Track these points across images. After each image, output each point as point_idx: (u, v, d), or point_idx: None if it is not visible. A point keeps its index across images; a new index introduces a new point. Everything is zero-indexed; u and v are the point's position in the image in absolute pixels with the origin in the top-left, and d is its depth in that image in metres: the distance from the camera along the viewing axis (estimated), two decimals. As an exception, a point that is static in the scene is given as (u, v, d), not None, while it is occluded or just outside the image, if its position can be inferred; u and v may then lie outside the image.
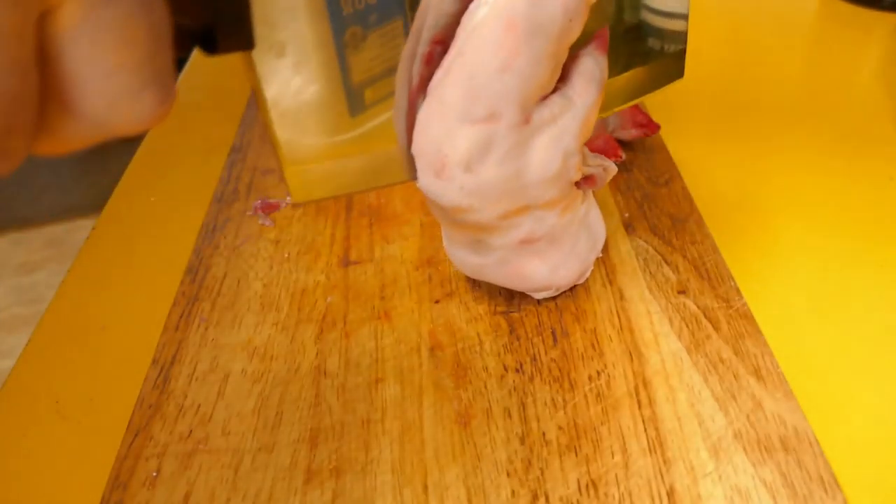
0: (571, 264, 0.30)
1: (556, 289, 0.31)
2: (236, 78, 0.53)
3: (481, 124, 0.23)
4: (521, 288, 0.31)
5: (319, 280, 0.34)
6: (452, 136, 0.24)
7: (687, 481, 0.24)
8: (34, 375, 0.31)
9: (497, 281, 0.30)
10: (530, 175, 0.25)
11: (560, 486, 0.25)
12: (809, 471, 0.24)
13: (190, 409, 0.28)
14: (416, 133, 0.24)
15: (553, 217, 0.28)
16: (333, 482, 0.25)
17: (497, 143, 0.24)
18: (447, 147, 0.24)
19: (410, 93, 0.24)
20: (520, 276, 0.29)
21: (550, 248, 0.29)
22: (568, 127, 0.25)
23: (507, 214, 0.26)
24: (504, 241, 0.28)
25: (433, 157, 0.24)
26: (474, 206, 0.25)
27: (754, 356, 0.28)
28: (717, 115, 0.45)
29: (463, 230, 0.28)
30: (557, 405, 0.27)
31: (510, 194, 0.25)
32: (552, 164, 0.25)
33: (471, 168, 0.24)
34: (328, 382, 0.29)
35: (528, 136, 0.24)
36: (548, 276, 0.29)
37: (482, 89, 0.23)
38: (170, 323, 0.32)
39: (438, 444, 0.26)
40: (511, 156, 0.24)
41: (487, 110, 0.23)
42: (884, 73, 0.49)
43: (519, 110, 0.24)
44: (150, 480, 0.26)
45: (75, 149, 0.16)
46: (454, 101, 0.23)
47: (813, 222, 0.36)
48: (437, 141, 0.24)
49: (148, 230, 0.39)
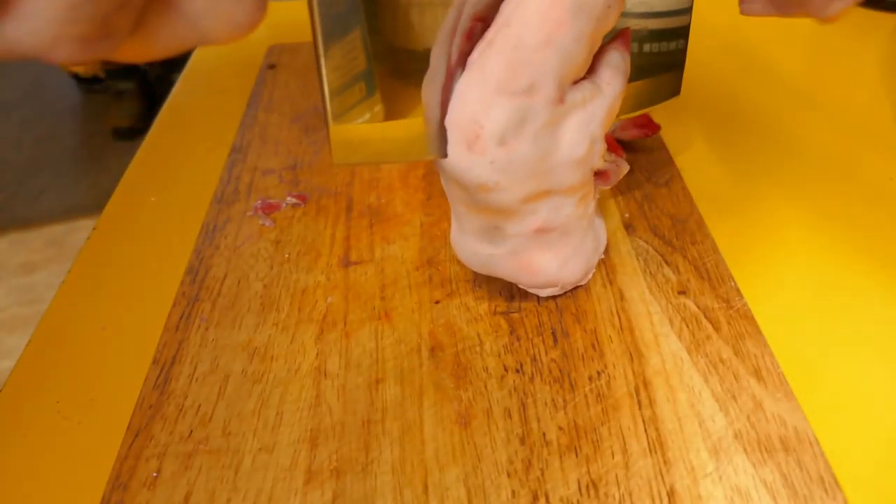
0: (579, 261, 0.30)
1: (562, 286, 0.31)
2: (237, 78, 0.53)
3: (521, 97, 0.24)
4: (528, 283, 0.31)
5: (320, 280, 0.34)
6: (490, 107, 0.24)
7: (687, 482, 0.24)
8: (34, 376, 0.31)
9: (505, 274, 0.30)
10: (559, 156, 0.26)
11: (560, 487, 0.25)
12: (810, 471, 0.24)
13: (190, 409, 0.28)
14: (453, 104, 0.25)
15: (570, 206, 0.28)
16: (334, 482, 0.25)
17: (532, 117, 0.25)
18: (484, 118, 0.24)
19: (449, 66, 0.25)
20: (530, 270, 0.30)
21: (561, 242, 0.29)
22: (596, 113, 0.26)
23: (529, 198, 0.27)
24: (520, 229, 0.28)
25: (468, 127, 0.25)
26: (501, 185, 0.26)
27: (754, 356, 0.28)
28: (718, 116, 0.45)
29: (481, 214, 0.28)
30: (558, 405, 0.27)
31: (537, 175, 0.26)
32: (580, 146, 0.26)
33: (505, 141, 0.25)
34: (328, 383, 0.29)
35: (561, 116, 0.25)
36: (557, 270, 0.30)
37: (524, 61, 0.23)
38: (170, 323, 0.32)
39: (439, 445, 0.26)
40: (544, 133, 0.25)
41: (528, 82, 0.24)
42: (884, 73, 0.49)
43: (556, 87, 0.24)
44: (150, 481, 0.26)
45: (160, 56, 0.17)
46: (496, 71, 0.24)
47: (813, 222, 0.36)
48: (475, 111, 0.24)
49: (148, 230, 0.39)
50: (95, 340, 0.33)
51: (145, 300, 0.34)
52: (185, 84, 0.55)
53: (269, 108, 0.48)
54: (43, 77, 2.09)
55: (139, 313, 0.34)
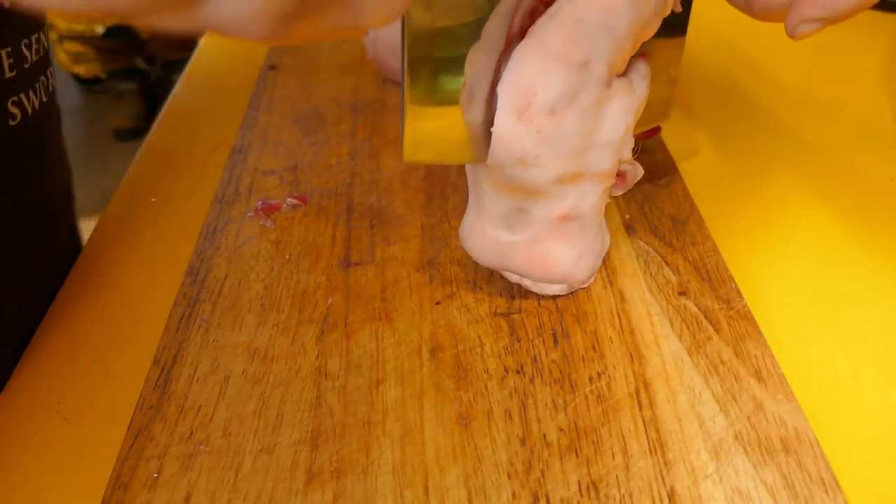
0: (590, 258, 0.31)
1: (570, 285, 0.31)
2: (238, 79, 0.54)
3: (576, 69, 0.25)
4: (540, 277, 0.31)
5: (320, 281, 0.34)
6: (547, 75, 0.25)
7: (688, 483, 0.24)
8: (35, 376, 0.31)
9: (517, 267, 0.30)
10: (599, 136, 0.27)
11: (561, 488, 0.25)
12: (810, 472, 0.24)
13: (191, 410, 0.28)
14: (509, 69, 0.26)
15: (595, 196, 0.29)
16: (334, 484, 0.25)
17: (584, 93, 0.26)
18: (540, 84, 0.25)
19: (509, 36, 0.26)
20: (545, 262, 0.30)
21: (580, 234, 0.30)
22: (633, 105, 0.28)
23: (564, 178, 0.28)
24: (545, 213, 0.29)
25: (522, 93, 0.25)
26: (540, 159, 0.27)
27: (755, 357, 0.28)
28: (718, 116, 0.45)
29: (511, 194, 0.29)
30: (558, 407, 0.27)
31: (576, 153, 0.27)
32: (618, 131, 0.27)
33: (555, 111, 0.26)
34: (329, 384, 0.29)
35: (607, 98, 0.27)
36: (572, 264, 0.30)
37: (585, 36, 0.25)
38: (171, 324, 0.32)
39: (439, 446, 0.26)
40: (590, 111, 0.26)
41: (585, 57, 0.25)
42: (885, 73, 0.49)
43: (607, 69, 0.26)
44: (150, 481, 0.26)
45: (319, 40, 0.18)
46: (557, 41, 0.25)
47: (813, 223, 0.36)
48: (531, 78, 0.25)
49: (149, 231, 0.39)
50: (96, 341, 0.33)
51: (146, 301, 0.34)
52: (186, 85, 0.55)
53: (270, 109, 0.48)
54: (44, 78, 2.08)
55: (140, 314, 0.34)
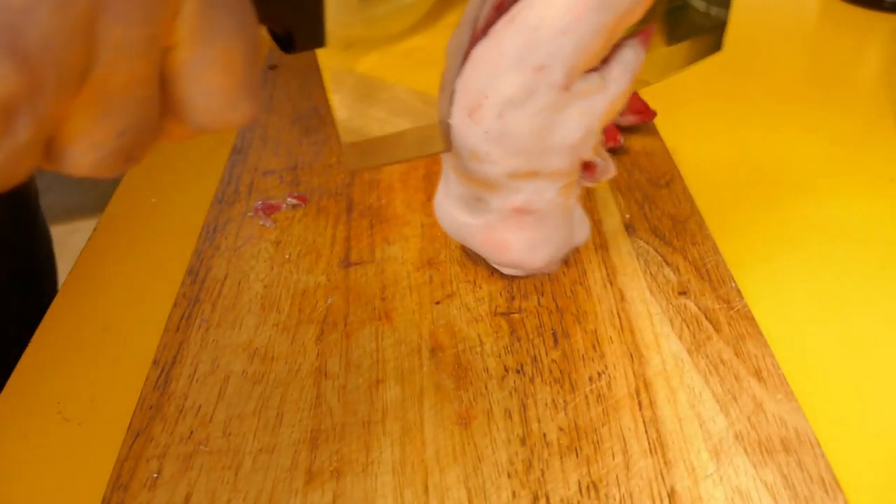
0: (547, 249, 0.31)
1: (526, 270, 0.32)
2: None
3: (529, 74, 0.25)
4: (496, 258, 0.32)
5: (320, 281, 0.34)
6: (499, 79, 0.25)
7: (688, 482, 0.24)
8: (35, 377, 0.31)
9: (476, 246, 0.32)
10: (553, 139, 0.27)
11: (561, 488, 0.25)
12: (810, 472, 0.24)
13: (191, 410, 0.28)
14: (467, 68, 0.26)
15: (551, 192, 0.29)
16: (334, 483, 0.25)
17: (537, 97, 0.25)
18: (490, 88, 0.25)
19: (475, 32, 0.26)
20: (500, 245, 0.31)
21: (536, 226, 0.30)
22: (598, 106, 0.27)
23: (516, 175, 0.28)
24: (501, 204, 0.29)
25: (474, 94, 0.26)
26: (491, 156, 0.27)
27: (755, 357, 0.28)
28: (718, 117, 0.45)
29: (469, 183, 0.29)
30: (558, 406, 0.27)
31: (527, 153, 0.27)
32: (574, 134, 0.27)
33: (503, 115, 0.26)
34: (329, 384, 0.29)
35: (564, 102, 0.26)
36: (523, 253, 0.31)
37: (541, 43, 0.24)
38: (170, 324, 0.32)
39: (439, 446, 0.26)
40: (543, 115, 0.26)
41: (538, 62, 0.25)
42: (884, 73, 0.49)
43: (564, 74, 0.25)
44: (150, 481, 0.26)
45: (182, 142, 0.20)
46: (512, 46, 0.25)
47: (814, 223, 0.36)
48: (484, 80, 0.25)
49: (149, 231, 0.39)
50: (96, 341, 0.33)
51: (146, 301, 0.34)
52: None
53: (270, 108, 0.48)
54: (44, 78, 2.08)
55: (140, 314, 0.34)
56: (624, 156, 0.40)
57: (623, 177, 0.39)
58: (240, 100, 0.19)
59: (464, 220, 0.31)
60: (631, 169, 0.39)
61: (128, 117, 0.17)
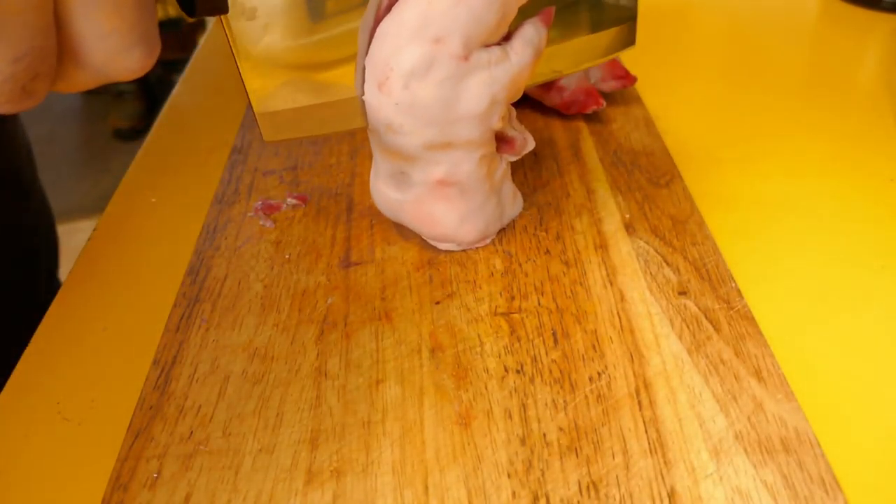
0: (477, 222, 0.33)
1: (459, 243, 0.34)
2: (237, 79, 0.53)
3: (428, 45, 0.27)
4: (428, 234, 0.33)
5: (320, 281, 0.34)
6: (401, 51, 0.27)
7: (688, 482, 0.24)
8: (35, 377, 0.31)
9: (409, 222, 0.33)
10: (460, 108, 0.29)
11: (561, 488, 0.25)
12: (811, 472, 0.24)
13: (190, 410, 0.28)
14: (373, 45, 0.28)
15: (470, 164, 0.31)
16: (334, 483, 0.25)
17: (437, 67, 0.27)
18: (394, 60, 0.27)
19: (378, 11, 0.27)
20: (429, 219, 0.32)
21: (461, 198, 0.32)
22: (500, 77, 0.29)
23: (431, 145, 0.29)
24: (423, 177, 0.31)
25: (381, 68, 0.28)
26: (405, 128, 0.29)
27: (755, 357, 0.28)
28: (717, 116, 0.45)
29: (391, 158, 0.31)
30: (558, 406, 0.27)
31: (438, 123, 0.29)
32: (480, 103, 0.29)
33: (409, 85, 0.27)
34: (329, 383, 0.29)
35: (465, 72, 0.28)
36: (455, 226, 0.33)
37: (436, 15, 0.27)
38: (170, 324, 0.32)
39: (439, 446, 0.26)
40: (447, 84, 0.28)
41: (436, 34, 0.27)
42: (884, 73, 0.49)
43: (461, 44, 0.27)
44: (150, 482, 0.26)
45: (85, 89, 0.21)
46: (410, 20, 0.27)
47: (814, 223, 0.36)
48: (388, 54, 0.27)
49: (149, 231, 0.39)
50: (96, 341, 0.33)
51: (146, 301, 0.34)
52: (186, 85, 0.55)
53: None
54: (44, 78, 2.08)
55: (140, 314, 0.34)
56: (611, 136, 0.40)
57: (623, 177, 0.39)
58: (133, 45, 0.20)
59: (393, 197, 0.32)
60: (631, 169, 0.39)
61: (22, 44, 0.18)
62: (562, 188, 0.38)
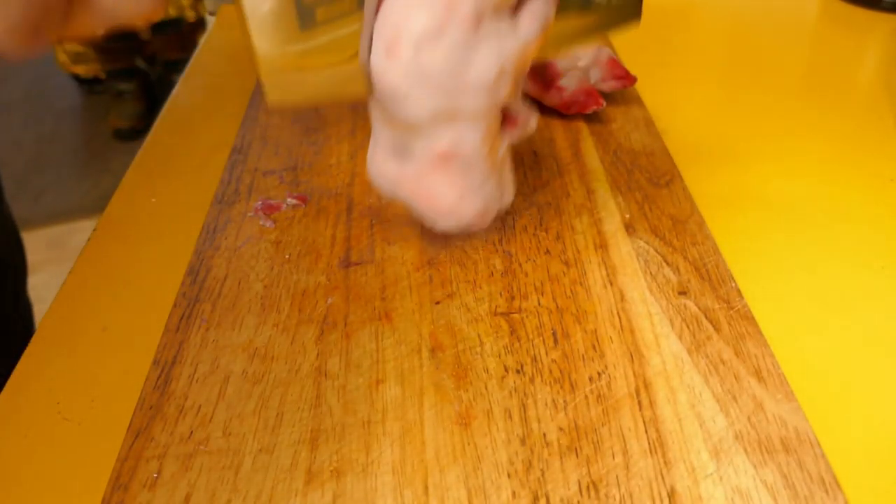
0: (476, 199, 0.32)
1: (457, 223, 0.33)
2: (237, 79, 0.53)
3: (441, 9, 0.26)
4: (426, 209, 0.32)
5: (320, 281, 0.34)
6: (412, 14, 0.27)
7: (688, 482, 0.24)
8: (35, 376, 0.31)
9: (410, 197, 0.32)
10: (468, 76, 0.28)
11: (561, 488, 0.25)
12: (810, 472, 0.24)
13: (190, 410, 0.28)
14: (382, 10, 0.27)
15: (474, 137, 0.30)
16: (334, 483, 0.25)
17: (449, 33, 0.27)
18: (404, 23, 0.27)
19: None
20: (430, 194, 0.32)
21: (463, 174, 0.31)
22: (509, 49, 0.28)
23: (437, 114, 0.29)
24: (425, 149, 0.30)
25: (390, 32, 0.27)
26: (411, 95, 0.28)
27: (755, 357, 0.28)
28: (718, 116, 0.45)
29: (393, 128, 0.30)
30: (558, 406, 0.27)
31: (445, 91, 0.28)
32: (489, 73, 0.28)
33: (420, 49, 0.27)
34: (329, 383, 0.29)
35: (476, 41, 0.27)
36: (455, 201, 0.32)
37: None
38: (170, 324, 0.32)
39: (439, 445, 0.26)
40: (457, 51, 0.27)
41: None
42: (884, 73, 0.49)
43: (473, 10, 0.27)
44: (150, 481, 0.26)
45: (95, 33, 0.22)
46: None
47: (814, 223, 0.36)
48: (398, 17, 0.27)
49: (149, 231, 0.39)
50: (96, 341, 0.33)
51: (146, 301, 0.34)
52: (186, 85, 0.55)
53: (270, 108, 0.48)
54: (44, 77, 2.09)
55: (139, 314, 0.34)
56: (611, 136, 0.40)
57: (623, 176, 0.39)
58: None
59: (394, 170, 0.32)
60: (631, 169, 0.39)
61: None
62: (562, 188, 0.38)
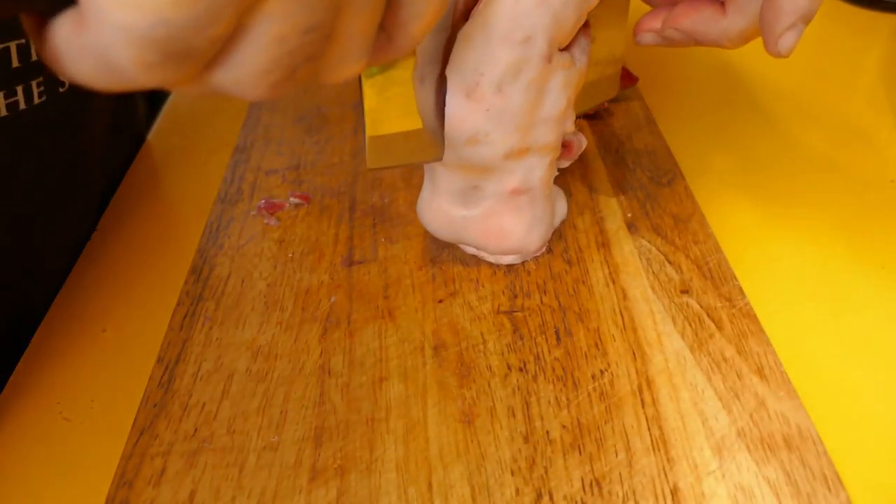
0: (540, 228, 0.32)
1: (523, 254, 0.33)
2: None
3: (519, 46, 0.27)
4: (495, 248, 0.32)
5: (323, 280, 0.34)
6: (492, 55, 0.27)
7: (690, 479, 0.24)
8: (36, 377, 0.31)
9: (473, 239, 0.32)
10: (543, 111, 0.29)
11: (564, 485, 0.25)
12: (813, 469, 0.24)
13: (195, 407, 0.28)
14: (455, 52, 0.27)
15: (542, 168, 0.30)
16: (338, 481, 0.25)
17: (527, 69, 0.27)
18: (485, 65, 0.27)
19: (455, 15, 0.27)
20: (499, 233, 0.32)
21: (530, 206, 0.31)
22: (572, 79, 0.29)
23: (511, 153, 0.29)
24: (497, 188, 0.31)
25: (470, 73, 0.27)
26: (490, 136, 0.28)
27: (757, 355, 0.28)
28: (719, 116, 0.45)
29: (463, 173, 0.30)
30: (561, 404, 0.27)
31: (523, 128, 0.29)
32: (559, 104, 0.29)
33: (502, 89, 0.27)
34: (332, 381, 0.29)
35: (548, 73, 0.28)
36: (523, 235, 0.32)
37: (523, 15, 0.26)
38: (174, 322, 0.32)
39: (443, 443, 0.26)
40: (533, 86, 0.28)
41: (525, 34, 0.26)
42: (884, 73, 0.49)
43: (547, 44, 0.27)
44: (155, 478, 0.26)
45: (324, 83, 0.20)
46: (498, 22, 0.26)
47: (815, 222, 0.36)
48: (477, 59, 0.27)
49: (151, 231, 0.39)
50: (96, 341, 0.33)
51: (148, 300, 0.34)
52: (188, 84, 0.55)
53: (273, 108, 0.48)
54: (43, 78, 2.08)
55: (142, 314, 0.34)
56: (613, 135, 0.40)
57: (625, 175, 0.39)
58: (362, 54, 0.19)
59: (460, 215, 0.32)
60: (633, 168, 0.39)
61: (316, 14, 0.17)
62: (564, 187, 0.38)
